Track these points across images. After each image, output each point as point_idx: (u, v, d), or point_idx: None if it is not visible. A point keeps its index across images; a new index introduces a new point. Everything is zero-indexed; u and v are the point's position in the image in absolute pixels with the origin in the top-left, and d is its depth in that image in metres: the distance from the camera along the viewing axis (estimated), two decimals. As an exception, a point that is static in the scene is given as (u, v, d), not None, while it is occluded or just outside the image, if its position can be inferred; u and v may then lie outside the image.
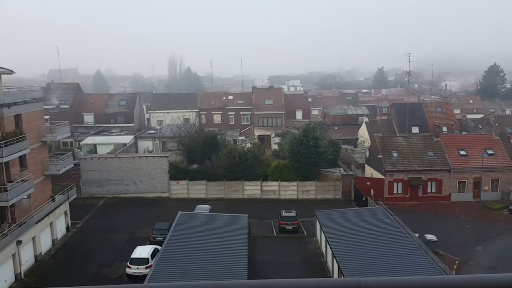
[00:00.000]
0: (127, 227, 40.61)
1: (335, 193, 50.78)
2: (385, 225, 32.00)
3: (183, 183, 50.72)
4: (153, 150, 65.92)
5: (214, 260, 26.94)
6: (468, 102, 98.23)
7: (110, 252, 35.23)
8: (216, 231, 31.68)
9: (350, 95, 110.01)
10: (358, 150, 64.89)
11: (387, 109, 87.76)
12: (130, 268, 30.44)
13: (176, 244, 28.89)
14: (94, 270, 32.25)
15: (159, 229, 36.25)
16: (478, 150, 50.43)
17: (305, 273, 31.51)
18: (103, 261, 33.57)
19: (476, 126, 69.81)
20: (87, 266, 32.87)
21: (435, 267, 24.34)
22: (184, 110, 79.76)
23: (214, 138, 56.42)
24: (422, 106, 74.77)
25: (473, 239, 38.24)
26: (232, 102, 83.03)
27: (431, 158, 50.45)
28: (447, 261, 32.09)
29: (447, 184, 49.85)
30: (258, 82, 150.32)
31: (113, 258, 33.97)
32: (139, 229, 39.71)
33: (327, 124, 77.71)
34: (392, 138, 54.08)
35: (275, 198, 50.53)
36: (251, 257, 31.52)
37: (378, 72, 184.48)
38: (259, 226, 41.18)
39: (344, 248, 29.01)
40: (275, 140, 70.98)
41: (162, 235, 34.05)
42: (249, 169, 50.39)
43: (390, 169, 49.50)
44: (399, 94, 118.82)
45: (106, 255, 34.58)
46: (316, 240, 37.67)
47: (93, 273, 31.62)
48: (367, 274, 24.39)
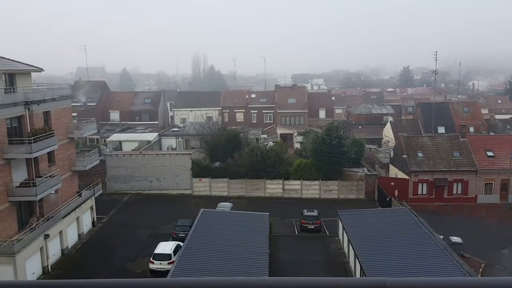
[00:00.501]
0: (151, 223, 41.21)
1: (358, 193, 50.25)
2: (409, 226, 31.50)
3: (205, 181, 51.08)
4: (177, 148, 66.55)
5: (235, 258, 27.08)
6: (497, 102, 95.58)
7: (133, 247, 35.85)
8: (238, 229, 31.82)
9: (374, 94, 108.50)
10: (382, 150, 64.00)
11: (412, 108, 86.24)
12: (153, 263, 30.91)
13: (198, 241, 29.16)
14: (118, 264, 32.89)
15: (182, 225, 36.59)
16: (506, 151, 49.00)
17: (327, 273, 31.33)
18: (127, 256, 34.20)
19: (504, 126, 67.90)
20: (112, 260, 33.55)
21: (460, 269, 23.84)
22: (207, 108, 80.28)
23: (237, 136, 56.57)
24: (449, 105, 73.16)
25: (500, 242, 37.24)
26: (255, 101, 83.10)
27: (457, 158, 49.35)
28: (473, 264, 31.34)
29: (473, 185, 48.67)
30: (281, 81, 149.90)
31: (136, 253, 34.57)
32: (162, 225, 40.24)
33: (351, 123, 76.91)
34: (418, 138, 53.12)
35: (297, 197, 50.37)
36: (272, 255, 31.51)
37: (403, 70, 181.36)
38: (280, 224, 41.13)
39: (367, 248, 28.69)
40: (298, 139, 70.70)
41: (184, 231, 34.34)
42: (271, 168, 50.36)
43: (415, 169, 48.65)
44: (425, 94, 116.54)
45: (129, 250, 35.21)
46: (338, 240, 37.39)
47: (117, 267, 32.26)
48: (390, 275, 24.06)
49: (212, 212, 35.77)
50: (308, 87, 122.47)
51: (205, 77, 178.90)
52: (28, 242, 29.55)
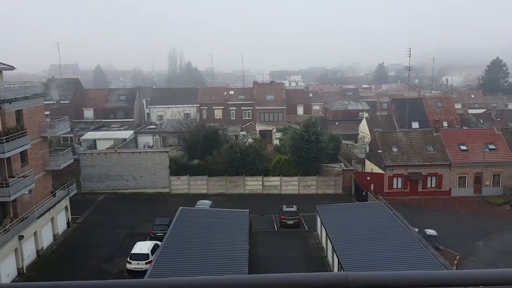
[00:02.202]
0: (127, 222, 40.67)
1: (336, 188, 50.80)
2: (385, 220, 32.02)
3: (183, 179, 50.71)
4: (153, 146, 65.81)
5: (214, 256, 26.98)
6: (470, 97, 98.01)
7: (110, 247, 35.32)
8: (217, 226, 31.71)
9: (350, 91, 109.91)
10: (359, 145, 64.85)
11: (387, 104, 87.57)
12: (130, 263, 30.52)
13: (176, 240, 28.92)
14: (94, 265, 32.34)
15: (160, 224, 36.28)
16: (479, 145, 50.34)
17: (305, 267, 31.57)
18: (103, 256, 33.67)
19: (477, 121, 69.68)
20: (88, 261, 32.96)
21: (435, 262, 24.36)
22: (185, 105, 79.63)
23: (215, 133, 56.33)
24: (422, 101, 74.59)
25: (474, 235, 38.25)
26: (233, 97, 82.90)
27: (431, 153, 50.41)
28: (448, 256, 32.10)
29: (447, 179, 49.82)
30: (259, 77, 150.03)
31: (113, 254, 34.07)
32: (139, 225, 39.78)
33: (328, 119, 77.64)
34: (392, 133, 54.03)
35: (276, 193, 50.55)
36: (252, 252, 31.56)
37: (378, 67, 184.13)
38: (260, 221, 41.25)
39: (344, 242, 29.04)
40: (277, 135, 70.93)
41: (162, 230, 34.07)
42: (250, 164, 50.38)
43: (390, 164, 49.48)
44: (399, 90, 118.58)
45: (106, 251, 34.68)
46: (317, 234, 37.74)
47: (93, 268, 31.72)
48: (366, 268, 24.42)
49: (190, 210, 35.55)
50: (286, 83, 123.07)
51: (182, 74, 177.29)
52: (2, 243, 28.80)
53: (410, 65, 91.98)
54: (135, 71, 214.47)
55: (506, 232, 39.14)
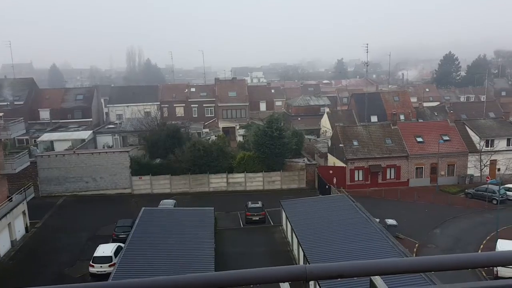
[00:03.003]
0: (89, 225, 39.61)
1: (300, 183, 51.47)
2: (348, 212, 32.77)
3: (145, 178, 49.90)
4: (113, 145, 64.32)
5: (180, 255, 26.73)
6: (425, 91, 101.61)
7: (72, 251, 34.30)
8: (182, 225, 31.41)
9: (312, 86, 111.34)
10: (321, 140, 65.96)
11: (347, 99, 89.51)
12: (93, 267, 29.80)
13: (140, 241, 28.43)
14: (56, 270, 31.32)
15: (122, 226, 35.66)
16: (434, 137, 52.40)
17: (272, 262, 31.85)
18: (65, 261, 32.65)
19: (432, 113, 72.40)
20: (49, 267, 31.86)
21: (396, 250, 25.20)
22: (145, 103, 78.25)
23: (177, 131, 55.69)
24: (380, 95, 76.75)
25: (431, 223, 39.82)
26: (194, 95, 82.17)
27: (390, 145, 52.01)
28: (407, 244, 33.27)
29: (405, 170, 51.58)
30: (221, 74, 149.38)
31: (75, 258, 33.11)
32: (101, 227, 38.88)
33: (291, 115, 78.43)
34: (353, 127, 55.29)
35: (241, 189, 50.65)
36: (218, 249, 31.50)
37: (338, 63, 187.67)
38: (225, 218, 41.23)
39: (309, 235, 29.50)
40: (240, 132, 70.99)
41: (125, 232, 33.44)
42: (214, 162, 50.18)
43: (351, 157, 50.65)
44: (358, 85, 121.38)
45: (67, 255, 33.65)
46: (282, 229, 38.12)
47: (55, 273, 30.71)
48: (331, 259, 24.94)
49: (154, 210, 35.05)
50: (248, 80, 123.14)
51: (141, 71, 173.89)
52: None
53: (367, 61, 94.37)
54: (93, 69, 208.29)
55: (461, 220, 41.01)
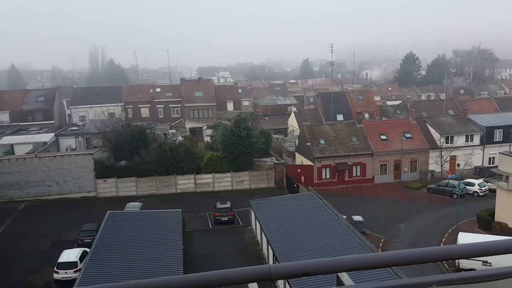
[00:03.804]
0: (52, 230, 38.38)
1: (268, 182, 51.71)
2: (316, 210, 33.19)
3: (110, 181, 48.86)
4: (77, 148, 62.71)
5: (147, 258, 26.29)
6: (387, 90, 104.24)
7: (35, 258, 33.11)
8: (149, 228, 30.92)
9: (278, 86, 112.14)
10: (288, 139, 66.49)
11: (313, 98, 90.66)
12: (57, 273, 28.91)
13: (106, 245, 27.78)
14: (18, 277, 30.19)
15: (87, 230, 34.88)
16: (397, 134, 53.87)
17: (241, 262, 31.84)
18: (28, 268, 31.47)
19: (395, 111, 74.39)
20: (11, 274, 30.67)
21: (363, 246, 25.74)
22: (109, 104, 76.56)
23: (143, 133, 54.82)
24: (345, 94, 78.21)
25: (396, 218, 40.92)
26: (160, 95, 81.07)
27: (355, 143, 53.07)
28: (373, 239, 34.06)
29: (370, 167, 52.77)
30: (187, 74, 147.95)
31: (38, 264, 32.00)
32: (66, 232, 37.78)
33: (258, 115, 78.67)
34: (319, 126, 56.06)
35: (209, 190, 50.37)
36: (187, 251, 31.23)
37: (303, 63, 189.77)
38: (194, 219, 40.92)
39: (278, 234, 29.68)
40: (207, 132, 70.56)
41: (90, 236, 32.77)
42: (181, 163, 49.68)
43: (318, 155, 51.35)
44: (324, 84, 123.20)
45: (30, 262, 32.46)
46: (252, 229, 38.19)
47: (17, 281, 29.63)
48: (300, 257, 25.17)
49: (120, 214, 34.36)
50: (214, 80, 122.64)
51: (105, 72, 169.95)
52: None
53: (332, 61, 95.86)
54: (54, 70, 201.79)
55: (424, 214, 42.35)
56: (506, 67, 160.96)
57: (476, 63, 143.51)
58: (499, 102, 76.22)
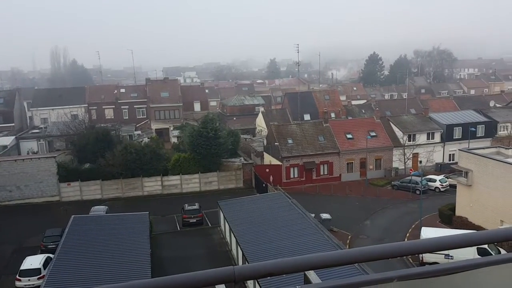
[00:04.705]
0: (14, 237, 36.93)
1: (237, 182, 51.66)
2: (284, 209, 33.44)
3: (74, 185, 47.57)
4: (38, 151, 60.74)
5: (114, 263, 25.73)
6: (352, 89, 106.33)
7: (-6, 267, 31.73)
8: (115, 232, 30.27)
9: (246, 86, 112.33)
10: (257, 139, 66.67)
11: (281, 98, 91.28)
12: (20, 280, 27.90)
13: (70, 251, 26.99)
14: (-25, 289, 28.83)
15: (51, 236, 33.87)
16: (362, 133, 55.01)
17: (210, 264, 31.67)
18: (-15, 278, 30.11)
19: (360, 111, 75.93)
20: (-34, 286, 29.24)
21: (331, 243, 26.15)
22: (72, 106, 74.47)
23: (107, 134, 53.67)
24: (312, 94, 79.18)
25: (362, 215, 41.79)
26: (125, 96, 79.50)
27: (322, 142, 53.84)
28: (341, 236, 34.64)
29: (337, 166, 53.66)
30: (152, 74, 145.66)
31: (-2, 273, 30.69)
32: (28, 238, 36.46)
33: (226, 115, 78.48)
34: (287, 126, 56.51)
35: (177, 192, 49.83)
36: (155, 255, 30.78)
37: (270, 63, 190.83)
38: (161, 222, 40.38)
39: (247, 234, 29.71)
40: (174, 133, 69.77)
41: (54, 242, 31.79)
42: (147, 165, 48.93)
43: (286, 155, 51.76)
44: (291, 84, 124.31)
45: (-11, 271, 31.07)
46: (221, 230, 38.04)
47: (-26, 293, 28.27)
48: (269, 257, 25.29)
49: (84, 218, 33.47)
50: (180, 80, 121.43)
51: (67, 72, 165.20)
52: None
53: (299, 61, 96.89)
54: (14, 71, 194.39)
55: (388, 210, 43.45)
56: (464, 67, 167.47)
57: (436, 63, 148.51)
58: (458, 100, 79.14)
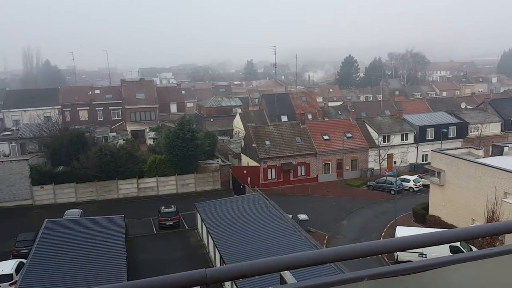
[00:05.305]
0: (-17, 242, 35.72)
1: (214, 184, 51.43)
2: (262, 210, 33.49)
3: (48, 188, 46.46)
4: (10, 154, 59.11)
5: (89, 267, 25.22)
6: (329, 91, 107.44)
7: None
8: (90, 236, 29.69)
9: (223, 87, 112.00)
10: (234, 141, 66.57)
11: (258, 100, 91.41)
12: (-11, 288, 26.95)
13: (44, 255, 26.32)
14: None
15: (23, 240, 33.01)
16: (339, 134, 55.67)
17: (187, 266, 31.42)
18: (-47, 286, 29.05)
19: (336, 112, 76.76)
20: None
21: (308, 243, 26.32)
22: (45, 108, 72.86)
23: (81, 136, 52.68)
24: (289, 96, 79.60)
25: (339, 215, 42.25)
26: (99, 97, 78.21)
27: (299, 144, 54.20)
28: (318, 237, 34.93)
29: (314, 166, 54.11)
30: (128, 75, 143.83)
31: (-34, 280, 29.60)
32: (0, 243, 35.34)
33: (203, 116, 78.08)
34: (264, 127, 56.65)
35: (153, 194, 49.25)
36: (131, 258, 30.34)
37: (247, 64, 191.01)
38: (137, 225, 39.85)
39: (225, 236, 29.61)
40: (150, 134, 68.98)
41: (27, 247, 31.00)
42: (123, 167, 48.22)
43: (264, 156, 51.87)
44: (268, 85, 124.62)
45: (-43, 278, 29.95)
46: (198, 232, 37.80)
47: None
48: (247, 258, 25.26)
49: (58, 222, 32.74)
50: (157, 81, 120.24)
51: (40, 73, 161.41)
52: None
53: (276, 62, 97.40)
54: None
55: (364, 210, 44.07)
56: (436, 70, 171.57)
57: (410, 66, 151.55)
58: (431, 102, 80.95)
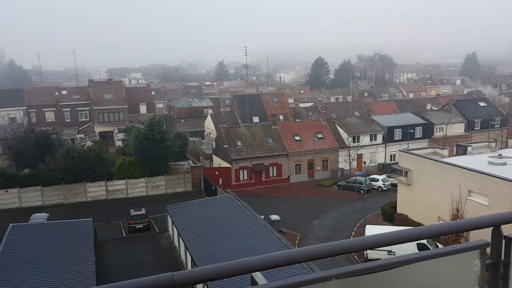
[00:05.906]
0: None
1: (186, 186, 50.96)
2: (234, 212, 33.42)
3: (12, 191, 44.88)
4: (-29, 157, 56.57)
5: (56, 273, 24.49)
6: (300, 92, 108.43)
7: None
8: (57, 240, 28.84)
9: (194, 88, 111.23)
10: (205, 142, 66.19)
11: (229, 100, 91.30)
12: None
13: (8, 261, 25.38)
14: None
15: (-15, 247, 31.48)
16: (310, 135, 56.23)
17: (158, 270, 30.98)
18: None
19: (307, 113, 77.54)
20: None
21: (280, 244, 26.44)
22: (9, 109, 70.59)
23: (48, 138, 51.21)
24: (261, 97, 79.85)
25: (311, 215, 42.66)
26: (66, 98, 76.25)
27: (271, 144, 54.44)
28: (290, 237, 35.13)
29: (286, 167, 54.45)
30: (96, 75, 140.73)
31: None
32: (-42, 251, 33.77)
33: (173, 117, 77.29)
34: (236, 128, 56.60)
35: (123, 197, 48.38)
36: (100, 263, 29.67)
37: (219, 65, 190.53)
38: (106, 229, 39.05)
39: (196, 239, 29.38)
40: (119, 136, 67.70)
41: (-11, 253, 29.60)
42: (91, 169, 47.14)
43: (236, 157, 51.80)
44: (240, 86, 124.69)
45: None
46: (169, 235, 37.35)
47: None
48: (218, 260, 25.12)
49: (24, 226, 31.64)
50: (125, 81, 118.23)
51: (4, 73, 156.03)
52: None
53: (247, 63, 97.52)
54: None
55: (335, 210, 44.68)
56: (403, 72, 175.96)
57: (378, 68, 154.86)
58: (398, 103, 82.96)
